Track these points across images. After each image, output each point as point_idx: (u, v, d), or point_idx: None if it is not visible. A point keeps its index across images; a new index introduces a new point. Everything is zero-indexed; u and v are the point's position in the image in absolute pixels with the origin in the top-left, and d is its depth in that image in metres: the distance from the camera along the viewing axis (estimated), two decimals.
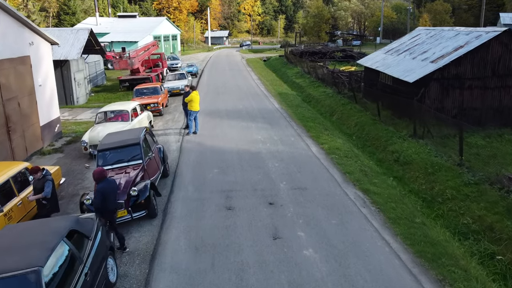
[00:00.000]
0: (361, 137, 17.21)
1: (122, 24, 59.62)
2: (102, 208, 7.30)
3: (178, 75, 27.71)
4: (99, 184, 7.40)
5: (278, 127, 16.68)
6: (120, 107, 15.04)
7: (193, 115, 15.56)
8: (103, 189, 7.33)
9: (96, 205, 7.30)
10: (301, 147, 13.88)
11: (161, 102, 20.27)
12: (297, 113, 19.78)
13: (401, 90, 17.47)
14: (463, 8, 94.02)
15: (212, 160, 12.74)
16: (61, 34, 25.24)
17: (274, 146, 14.06)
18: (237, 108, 20.87)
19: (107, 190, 7.38)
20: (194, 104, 15.37)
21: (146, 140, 10.34)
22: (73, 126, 18.83)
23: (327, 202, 9.59)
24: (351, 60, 40.21)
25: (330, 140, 14.76)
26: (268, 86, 29.32)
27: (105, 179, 7.51)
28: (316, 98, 25.66)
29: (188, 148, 14.11)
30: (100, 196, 7.25)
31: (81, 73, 26.41)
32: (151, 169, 9.97)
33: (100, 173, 7.44)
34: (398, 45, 21.20)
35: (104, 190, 7.33)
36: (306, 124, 17.35)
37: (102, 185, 7.39)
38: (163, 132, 16.63)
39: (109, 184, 7.53)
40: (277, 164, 12.25)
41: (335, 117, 21.09)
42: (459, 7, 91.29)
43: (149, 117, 16.41)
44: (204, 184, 10.83)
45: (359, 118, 19.05)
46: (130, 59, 27.26)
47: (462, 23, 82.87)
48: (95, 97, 28.45)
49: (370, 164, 13.32)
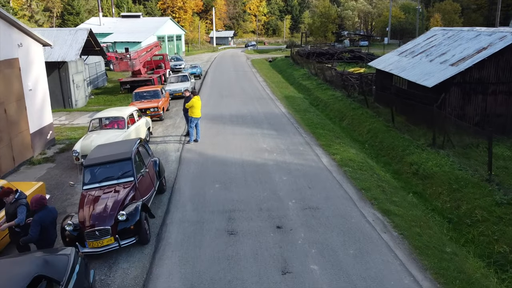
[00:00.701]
0: (375, 146, 16.04)
1: (126, 24, 58.77)
2: (41, 241, 6.41)
3: (180, 77, 26.65)
4: (37, 213, 6.46)
5: (285, 135, 15.55)
6: (116, 113, 13.98)
7: (194, 122, 14.47)
8: (41, 219, 6.41)
9: (32, 237, 6.36)
10: (311, 158, 12.74)
11: (162, 106, 19.21)
12: (305, 119, 18.63)
13: (417, 95, 16.27)
14: (472, 8, 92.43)
15: (213, 173, 11.63)
16: (59, 34, 24.29)
17: (281, 156, 12.94)
18: (241, 113, 19.76)
19: (46, 220, 6.47)
20: (195, 110, 14.29)
21: (139, 153, 9.25)
22: (68, 132, 17.82)
23: (343, 226, 8.44)
24: (360, 61, 39.00)
25: (342, 150, 13.60)
26: (274, 89, 28.19)
27: (45, 208, 6.58)
28: (325, 101, 24.49)
29: (188, 158, 13.01)
30: (37, 226, 6.33)
31: (80, 75, 25.43)
32: (144, 187, 8.88)
33: (38, 201, 6.53)
34: (413, 46, 19.98)
35: (43, 220, 6.42)
36: (315, 131, 16.20)
37: (41, 214, 6.46)
38: (163, 140, 15.56)
39: (49, 213, 6.62)
40: (285, 177, 11.12)
41: (345, 123, 19.91)
42: (467, 7, 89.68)
43: (147, 123, 15.34)
44: (204, 202, 9.72)
45: (371, 124, 17.86)
46: (131, 61, 26.27)
47: (471, 23, 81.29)
48: (95, 99, 27.49)
49: (387, 177, 12.16)
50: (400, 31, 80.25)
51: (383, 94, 20.07)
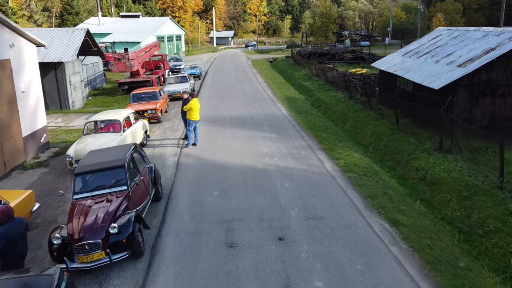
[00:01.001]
0: (379, 149, 15.55)
1: (125, 24, 58.31)
2: (8, 255, 5.97)
3: (179, 78, 26.15)
4: (2, 226, 6.02)
5: (286, 138, 15.06)
6: (112, 116, 13.50)
7: (193, 125, 13.99)
8: (7, 231, 5.98)
9: None
10: (314, 163, 12.25)
11: (160, 108, 18.72)
12: (307, 121, 18.15)
13: (423, 97, 15.79)
14: (473, 7, 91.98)
15: (212, 179, 11.15)
16: (56, 34, 23.82)
17: (283, 161, 12.45)
18: (241, 115, 19.28)
19: (13, 233, 6.04)
20: (194, 113, 13.80)
21: (133, 160, 8.76)
22: (63, 135, 17.35)
23: (349, 237, 7.96)
24: (362, 62, 38.52)
25: (345, 154, 13.11)
26: (275, 90, 27.71)
27: (12, 219, 6.15)
28: (326, 103, 24.01)
29: (186, 163, 12.53)
30: (3, 240, 5.90)
31: (77, 76, 24.96)
32: (139, 196, 8.40)
33: (3, 213, 6.09)
34: (417, 46, 19.50)
35: (9, 233, 5.99)
36: (318, 134, 15.71)
37: (7, 227, 6.03)
38: (160, 143, 15.08)
39: (17, 225, 6.18)
40: (287, 184, 10.64)
41: (348, 125, 19.43)
42: (469, 7, 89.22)
43: (144, 126, 14.86)
44: (202, 211, 9.24)
45: (375, 127, 17.38)
46: (129, 61, 25.80)
47: (473, 23, 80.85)
48: (93, 101, 27.02)
49: (393, 183, 11.67)
50: (401, 31, 79.79)
51: (387, 95, 19.58)
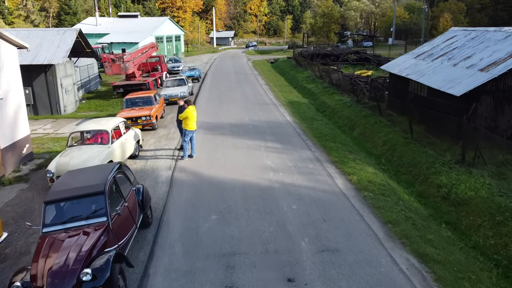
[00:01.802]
0: (392, 161, 14.25)
1: (123, 25, 57.04)
2: None
3: (177, 81, 24.87)
4: None
5: (292, 148, 13.77)
6: (99, 125, 12.20)
7: (189, 135, 12.70)
8: None
9: None
10: (323, 179, 10.96)
11: (155, 114, 17.44)
12: (313, 129, 16.86)
13: (439, 104, 14.51)
14: (476, 7, 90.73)
15: (210, 199, 9.86)
16: (45, 35, 22.55)
17: (289, 176, 11.16)
18: (242, 122, 17.99)
19: None
20: (190, 122, 12.52)
21: (117, 183, 7.46)
22: (50, 144, 16.06)
23: (370, 277, 6.67)
24: (366, 63, 37.21)
25: (358, 169, 11.81)
26: (277, 93, 26.42)
27: None
28: (332, 107, 22.72)
29: (180, 180, 11.23)
30: None
31: (69, 79, 23.67)
32: (122, 227, 7.11)
33: None
34: (431, 48, 18.20)
35: None
36: (326, 144, 14.42)
37: None
38: (153, 154, 13.79)
39: None
40: (295, 206, 9.35)
41: (356, 132, 18.13)
42: (471, 7, 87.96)
43: (136, 136, 13.57)
44: (197, 242, 7.95)
45: (387, 135, 16.09)
46: (124, 63, 24.51)
47: (476, 23, 79.79)
48: (86, 104, 25.75)
49: (413, 204, 10.37)
50: (405, 32, 78.47)
51: (398, 101, 18.30)
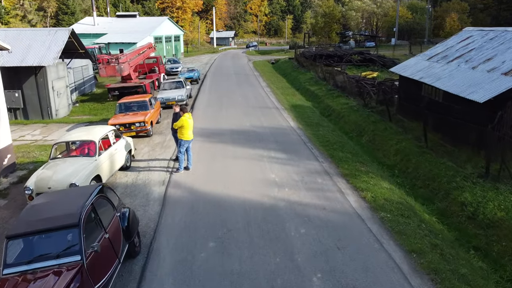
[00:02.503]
0: (407, 172, 13.10)
1: (121, 24, 55.98)
2: None
3: (175, 83, 23.71)
4: None
5: (297, 159, 12.63)
6: (85, 135, 11.05)
7: (185, 145, 11.55)
8: None
9: None
10: (334, 197, 9.81)
11: (150, 120, 16.29)
12: (319, 136, 15.72)
13: (457, 110, 13.37)
14: (479, 7, 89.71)
15: (207, 221, 8.71)
16: (36, 35, 21.42)
17: (296, 193, 10.02)
18: (243, 128, 16.85)
19: None
20: (185, 131, 11.37)
21: (95, 211, 6.31)
22: (36, 152, 14.92)
23: None
24: (371, 64, 36.05)
25: (372, 184, 10.66)
26: (279, 96, 25.27)
27: None
28: (337, 111, 21.57)
29: (175, 197, 10.08)
30: None
31: (61, 81, 22.54)
32: (102, 264, 5.97)
33: None
34: (444, 49, 17.05)
35: None
36: (334, 153, 13.27)
37: None
38: (146, 166, 12.64)
39: None
40: (303, 230, 8.21)
41: (365, 139, 16.98)
42: (474, 6, 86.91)
43: (127, 146, 12.42)
44: (191, 278, 6.80)
45: (399, 143, 14.94)
46: (119, 65, 23.34)
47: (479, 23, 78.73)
48: (80, 108, 24.62)
49: (436, 225, 9.22)
50: (408, 32, 77.29)
51: (409, 105, 17.16)
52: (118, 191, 10.66)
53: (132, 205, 9.67)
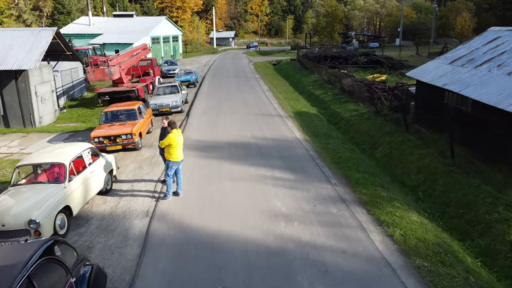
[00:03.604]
0: (433, 196, 11.25)
1: (117, 24, 54.19)
2: None
3: (169, 87, 21.89)
4: None
5: (306, 180, 10.81)
6: (53, 157, 9.23)
7: (173, 167, 9.72)
8: None
9: None
10: (355, 235, 7.98)
11: (138, 131, 14.48)
12: (329, 150, 13.89)
13: (491, 123, 11.52)
14: (484, 7, 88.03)
15: (197, 273, 6.89)
16: (17, 36, 19.60)
17: (307, 229, 8.20)
18: (244, 140, 15.02)
19: None
20: (174, 151, 9.54)
21: (33, 285, 4.47)
22: (8, 169, 13.12)
23: None
24: (378, 66, 34.20)
25: (398, 216, 8.83)
26: (282, 101, 23.44)
27: None
28: (346, 119, 19.73)
29: (159, 235, 8.24)
30: None
31: (46, 85, 20.74)
32: None
33: None
34: (468, 52, 15.22)
35: None
36: (348, 173, 11.43)
37: None
38: (130, 188, 10.80)
39: None
40: (321, 286, 6.39)
41: (380, 152, 15.15)
42: (479, 6, 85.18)
43: (107, 166, 10.59)
44: None
45: (420, 159, 13.10)
46: (109, 68, 21.55)
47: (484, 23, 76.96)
48: (67, 114, 22.80)
49: (484, 276, 7.38)
50: (412, 32, 75.41)
51: (429, 115, 15.33)
52: (92, 224, 8.86)
53: (106, 245, 7.85)
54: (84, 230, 8.62)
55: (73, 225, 8.82)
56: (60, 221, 8.30)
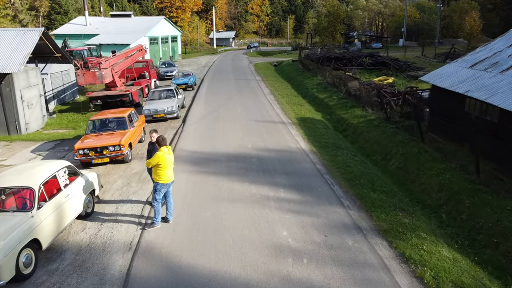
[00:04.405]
0: (460, 220, 9.89)
1: (115, 24, 52.87)
2: None
3: (164, 92, 20.52)
4: None
5: (315, 202, 9.46)
6: (20, 179, 7.87)
7: (162, 191, 8.36)
8: None
9: None
10: (378, 278, 6.63)
11: (128, 142, 13.14)
12: (338, 163, 12.53)
13: None
14: (488, 7, 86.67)
15: None
16: (1, 36, 18.26)
17: (319, 269, 6.86)
18: (244, 151, 13.68)
19: None
20: (162, 171, 8.18)
21: None
22: None
23: None
24: (384, 68, 32.82)
25: (425, 249, 7.47)
26: (285, 106, 22.09)
27: None
28: (354, 126, 18.38)
29: (142, 277, 6.87)
30: None
31: (33, 89, 19.41)
32: None
33: None
34: (491, 55, 13.86)
35: None
36: (363, 193, 10.08)
37: None
38: (114, 211, 9.46)
39: None
40: None
41: (393, 165, 13.80)
42: (483, 6, 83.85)
43: (87, 186, 9.24)
44: None
45: (441, 174, 11.74)
46: (100, 71, 20.21)
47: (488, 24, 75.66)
48: (57, 119, 21.47)
49: None
50: (415, 32, 73.98)
51: (446, 123, 14.00)
52: (66, 258, 7.53)
53: None
54: (55, 267, 7.29)
55: (43, 260, 7.50)
56: (26, 258, 6.98)
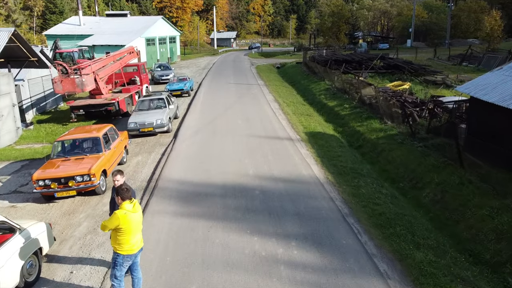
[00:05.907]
0: None
1: (110, 25, 50.44)
2: None
3: (154, 101, 17.99)
4: None
5: (340, 267, 6.92)
6: None
7: (125, 264, 5.81)
8: None
9: None
10: None
11: (100, 169, 10.62)
12: (362, 197, 9.98)
13: None
14: (496, 7, 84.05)
15: None
16: None
17: None
18: (244, 181, 11.11)
19: None
20: (124, 238, 5.61)
21: None
22: None
23: None
24: (396, 72, 30.20)
25: None
26: (291, 116, 19.52)
27: None
28: (372, 142, 15.83)
29: None
30: None
31: (4, 99, 16.98)
32: None
33: None
34: None
35: None
36: (402, 249, 7.52)
37: None
38: (65, 279, 6.92)
39: None
40: None
41: (427, 197, 11.20)
42: (491, 6, 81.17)
43: (29, 246, 6.70)
44: None
45: (496, 215, 9.17)
46: (80, 78, 17.70)
47: None
48: (34, 131, 18.99)
49: None
50: (423, 32, 71.26)
51: (489, 145, 11.43)
52: None
53: None
54: None
55: None
56: None
